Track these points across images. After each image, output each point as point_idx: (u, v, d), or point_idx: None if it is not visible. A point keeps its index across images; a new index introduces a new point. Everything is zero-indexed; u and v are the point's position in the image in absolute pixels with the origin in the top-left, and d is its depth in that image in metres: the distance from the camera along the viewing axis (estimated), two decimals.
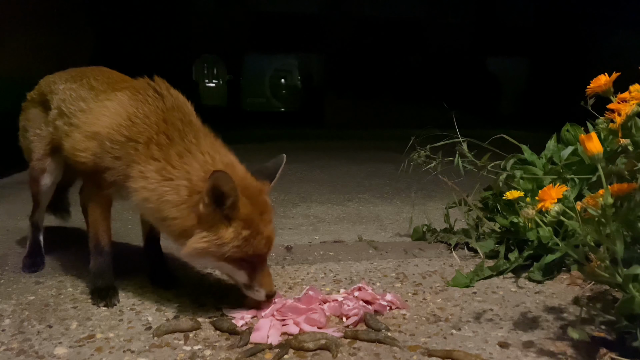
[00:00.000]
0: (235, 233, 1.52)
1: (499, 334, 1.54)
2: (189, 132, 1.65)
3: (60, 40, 5.73)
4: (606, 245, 1.29)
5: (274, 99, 13.51)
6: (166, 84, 1.79)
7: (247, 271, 1.60)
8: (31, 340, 1.48)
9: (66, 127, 1.82)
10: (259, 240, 1.56)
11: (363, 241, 2.54)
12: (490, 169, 2.32)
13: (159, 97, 1.72)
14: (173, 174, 1.57)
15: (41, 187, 2.10)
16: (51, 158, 2.05)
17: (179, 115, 1.69)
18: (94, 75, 1.93)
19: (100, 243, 1.82)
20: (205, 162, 1.59)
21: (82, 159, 1.72)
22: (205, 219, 1.52)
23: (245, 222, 1.53)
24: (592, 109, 1.59)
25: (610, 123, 1.44)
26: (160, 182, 1.58)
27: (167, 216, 1.57)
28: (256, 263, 1.60)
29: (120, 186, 1.67)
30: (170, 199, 1.56)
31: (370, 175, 4.87)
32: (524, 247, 2.10)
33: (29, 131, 2.09)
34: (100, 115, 1.71)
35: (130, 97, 1.72)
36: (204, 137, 1.67)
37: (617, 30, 9.52)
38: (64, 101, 1.88)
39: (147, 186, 1.59)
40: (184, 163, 1.58)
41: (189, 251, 1.55)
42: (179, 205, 1.55)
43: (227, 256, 1.54)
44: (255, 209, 1.57)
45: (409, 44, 12.06)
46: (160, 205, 1.57)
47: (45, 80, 2.11)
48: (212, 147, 1.65)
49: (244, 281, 1.62)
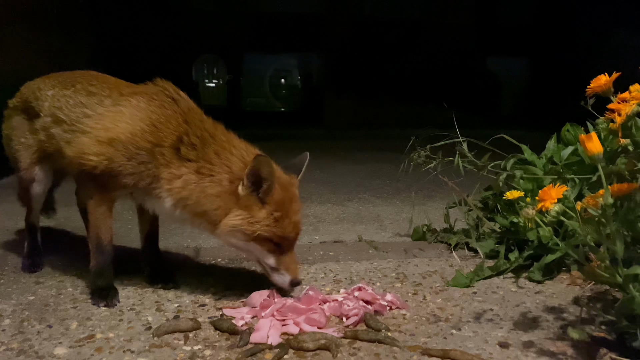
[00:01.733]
0: (267, 213, 1.64)
1: (499, 334, 1.54)
2: (215, 131, 1.75)
3: (60, 41, 5.73)
4: (606, 245, 1.29)
5: (274, 99, 13.53)
6: (174, 86, 1.84)
7: (275, 254, 1.70)
8: (31, 340, 1.48)
9: (67, 135, 1.80)
10: (288, 224, 1.67)
11: (363, 241, 2.54)
12: (490, 169, 2.31)
13: (173, 101, 1.78)
14: (214, 170, 1.67)
15: (32, 196, 2.09)
16: (39, 166, 2.02)
17: (197, 116, 1.77)
18: (88, 81, 1.90)
19: (101, 242, 1.82)
20: (242, 155, 1.71)
21: (92, 163, 1.71)
22: (242, 200, 1.64)
23: (277, 205, 1.65)
24: (592, 109, 1.59)
25: (610, 123, 1.44)
26: (201, 179, 1.67)
27: (209, 208, 1.67)
28: (284, 247, 1.70)
29: (143, 189, 1.73)
30: (212, 192, 1.66)
31: (370, 175, 4.87)
32: (524, 247, 2.10)
33: (14, 140, 2.05)
34: (116, 121, 1.72)
35: (148, 102, 1.76)
36: (227, 134, 1.77)
37: (617, 30, 9.52)
38: (59, 109, 1.85)
39: (185, 186, 1.68)
40: (223, 160, 1.69)
41: (224, 228, 1.66)
42: (221, 195, 1.66)
43: (257, 234, 1.65)
44: (287, 196, 1.68)
45: (409, 44, 12.06)
46: (202, 199, 1.67)
47: (27, 87, 2.06)
48: (240, 142, 1.77)
49: (272, 264, 1.71)
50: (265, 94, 13.49)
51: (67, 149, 1.79)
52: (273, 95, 13.54)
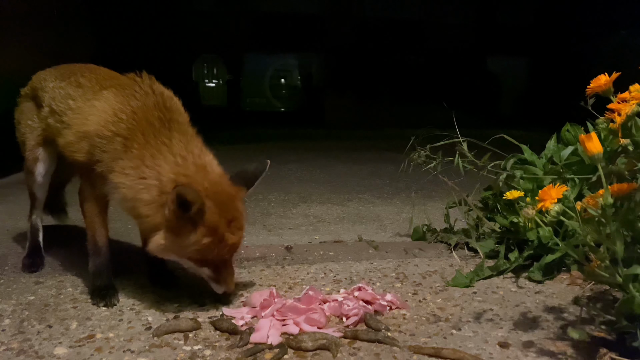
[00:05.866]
0: (197, 239, 1.54)
1: (499, 334, 1.54)
2: (164, 132, 1.65)
3: (60, 41, 5.73)
4: (606, 245, 1.29)
5: (274, 99, 13.52)
6: (152, 80, 1.79)
7: (210, 268, 1.64)
8: (31, 340, 1.48)
9: (58, 125, 1.85)
10: (221, 248, 1.58)
11: (363, 241, 2.54)
12: (490, 169, 2.32)
13: (144, 94, 1.73)
14: (146, 173, 1.60)
15: (36, 176, 2.11)
16: (43, 148, 2.08)
17: (158, 114, 1.69)
18: (82, 73, 1.94)
19: (97, 244, 1.83)
20: (176, 163, 1.60)
21: (77, 157, 1.76)
22: (171, 222, 1.54)
23: (209, 229, 1.54)
24: (592, 109, 1.59)
25: (610, 123, 1.44)
26: (136, 179, 1.60)
27: (141, 213, 1.61)
28: (219, 264, 1.63)
29: (105, 179, 1.68)
30: (143, 197, 1.59)
31: (370, 175, 4.87)
32: (524, 247, 2.10)
33: (22, 123, 2.13)
34: (89, 115, 1.73)
35: (115, 93, 1.74)
36: (180, 138, 1.66)
37: (617, 30, 9.52)
38: (53, 99, 1.90)
39: (125, 182, 1.62)
40: (156, 164, 1.60)
41: (153, 247, 1.59)
42: (150, 204, 1.58)
43: (189, 257, 1.60)
44: (224, 216, 1.57)
45: (409, 44, 12.07)
46: (135, 202, 1.61)
47: (37, 76, 2.15)
48: (186, 149, 1.64)
49: (208, 274, 1.66)
50: (265, 94, 13.48)
51: (59, 140, 1.83)
52: (273, 95, 13.53)
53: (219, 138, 1.85)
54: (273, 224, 3.05)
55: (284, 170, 5.03)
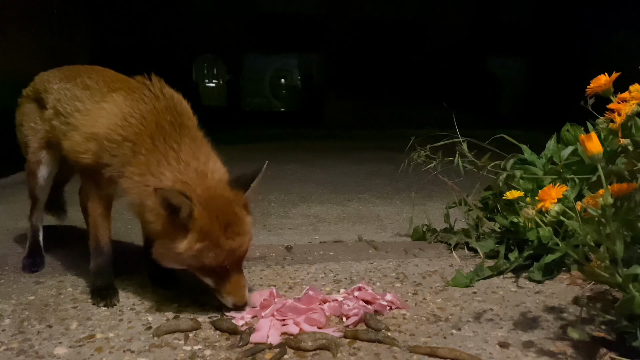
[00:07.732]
0: (189, 244, 1.52)
1: (499, 334, 1.54)
2: (174, 137, 1.65)
3: (60, 40, 5.73)
4: (606, 245, 1.29)
5: (274, 99, 13.53)
6: (161, 83, 1.78)
7: (214, 278, 1.60)
8: (31, 340, 1.48)
9: (64, 127, 1.83)
10: (217, 254, 1.54)
11: (363, 241, 2.54)
12: (490, 169, 2.31)
13: (154, 97, 1.72)
14: (150, 180, 1.60)
15: (38, 179, 2.10)
16: (46, 151, 2.07)
17: (169, 117, 1.69)
18: (88, 74, 1.93)
19: (99, 243, 1.83)
20: (179, 170, 1.59)
21: (83, 159, 1.75)
22: (165, 227, 1.55)
23: (201, 235, 1.52)
24: (592, 109, 1.59)
25: (610, 123, 1.44)
26: (142, 186, 1.61)
27: (147, 219, 1.62)
28: (221, 272, 1.58)
29: (115, 183, 1.69)
30: (147, 204, 1.59)
31: (370, 175, 4.87)
32: (524, 247, 2.10)
33: (24, 125, 2.12)
34: (97, 117, 1.73)
35: (125, 97, 1.73)
36: (188, 143, 1.65)
37: (617, 30, 9.52)
38: (59, 101, 1.89)
39: (133, 188, 1.63)
40: (160, 172, 1.60)
41: (154, 255, 1.61)
42: (152, 210, 1.58)
43: (187, 264, 1.58)
44: (218, 221, 1.53)
45: (409, 44, 12.07)
46: (141, 208, 1.62)
47: (39, 78, 2.13)
48: (193, 155, 1.63)
49: (212, 286, 1.63)
50: (265, 94, 13.49)
51: (64, 142, 1.82)
52: (273, 95, 13.55)
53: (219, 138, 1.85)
54: (273, 224, 3.05)
55: (284, 170, 5.03)
